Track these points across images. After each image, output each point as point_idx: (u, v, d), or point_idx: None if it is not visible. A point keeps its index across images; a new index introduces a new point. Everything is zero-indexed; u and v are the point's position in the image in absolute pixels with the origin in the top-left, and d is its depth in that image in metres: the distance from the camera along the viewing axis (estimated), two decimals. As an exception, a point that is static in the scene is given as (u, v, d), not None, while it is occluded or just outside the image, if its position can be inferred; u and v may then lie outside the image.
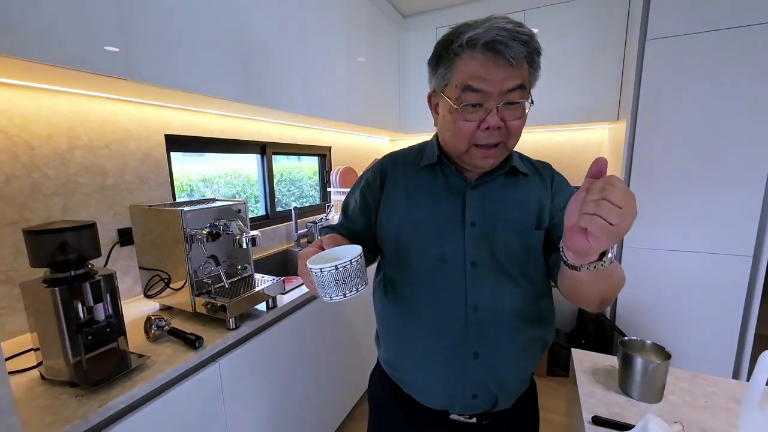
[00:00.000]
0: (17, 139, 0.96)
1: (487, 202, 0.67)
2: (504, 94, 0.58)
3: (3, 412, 0.52)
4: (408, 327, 0.71)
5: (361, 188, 0.79)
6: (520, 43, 0.56)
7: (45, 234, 0.74)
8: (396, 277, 0.73)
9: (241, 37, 1.24)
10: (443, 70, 0.62)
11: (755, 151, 1.58)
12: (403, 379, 0.75)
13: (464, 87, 0.58)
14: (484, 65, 0.57)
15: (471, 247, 0.66)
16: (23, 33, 0.73)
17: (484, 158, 0.63)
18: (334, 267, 0.49)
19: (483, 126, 0.59)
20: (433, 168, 0.72)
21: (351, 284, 0.51)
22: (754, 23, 1.52)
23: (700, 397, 0.71)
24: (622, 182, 0.42)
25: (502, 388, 0.67)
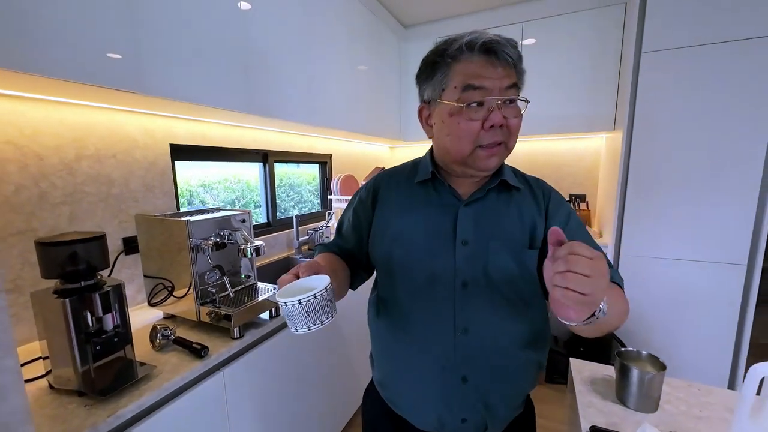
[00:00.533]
0: (26, 150, 0.98)
1: (480, 219, 0.67)
2: (503, 91, 0.59)
3: (20, 421, 0.53)
4: (398, 348, 0.71)
5: (355, 206, 0.80)
6: (511, 46, 0.59)
7: (56, 246, 0.76)
8: (387, 296, 0.73)
9: (245, 48, 1.27)
10: (440, 75, 0.62)
11: (748, 161, 1.62)
12: (394, 401, 0.75)
13: (465, 87, 0.59)
14: (482, 65, 0.59)
15: (462, 266, 0.65)
16: (33, 48, 0.75)
17: (489, 158, 0.62)
18: (298, 301, 0.50)
19: (487, 124, 0.59)
20: (426, 185, 0.72)
21: (315, 317, 0.51)
22: (745, 38, 1.56)
23: (695, 407, 0.73)
24: (584, 247, 0.42)
25: (491, 413, 0.67)
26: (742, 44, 1.57)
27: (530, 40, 2.27)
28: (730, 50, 1.59)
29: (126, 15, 0.91)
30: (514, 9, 2.28)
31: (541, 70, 2.26)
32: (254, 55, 1.31)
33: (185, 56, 1.06)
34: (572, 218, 0.69)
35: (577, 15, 2.15)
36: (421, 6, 2.33)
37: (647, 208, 1.83)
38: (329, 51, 1.77)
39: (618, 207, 1.91)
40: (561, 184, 2.59)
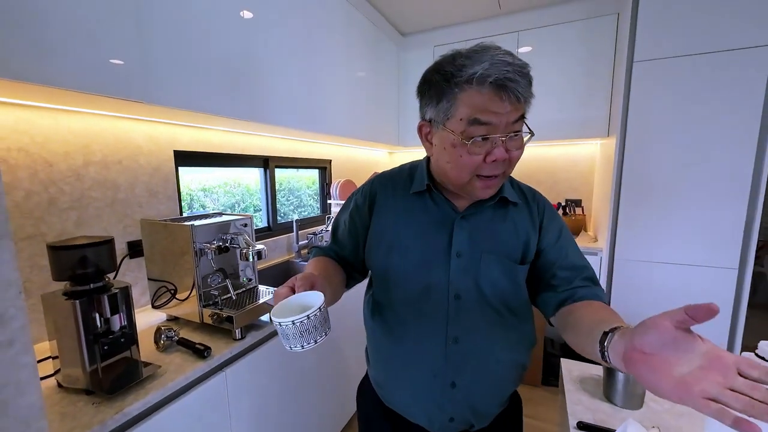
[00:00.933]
0: (36, 157, 1.02)
1: (475, 232, 0.68)
2: (509, 126, 0.58)
3: (34, 417, 0.56)
4: (392, 350, 0.74)
5: (351, 211, 0.81)
6: (523, 77, 0.56)
7: (67, 249, 0.79)
8: (383, 301, 0.75)
9: (247, 56, 1.31)
10: (445, 103, 0.59)
11: (738, 167, 1.66)
12: (387, 398, 0.78)
13: (471, 120, 0.57)
14: (491, 99, 0.56)
15: (456, 278, 0.67)
16: (44, 61, 0.78)
17: (485, 188, 0.63)
18: (291, 322, 0.51)
19: (489, 159, 0.59)
20: (423, 195, 0.72)
21: (309, 336, 0.52)
22: (733, 48, 1.61)
23: (679, 405, 0.76)
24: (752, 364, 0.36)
25: (476, 414, 0.71)
26: (730, 54, 1.62)
27: (526, 48, 2.33)
28: (719, 60, 1.64)
29: (132, 27, 0.95)
30: (511, 18, 2.34)
31: (536, 77, 2.22)
32: (256, 63, 1.35)
33: (189, 66, 1.10)
34: (563, 232, 0.72)
35: (572, 25, 2.20)
36: (419, 15, 2.38)
37: (641, 213, 1.87)
38: (329, 59, 1.81)
39: (612, 212, 1.95)
40: (557, 189, 2.63)
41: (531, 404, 1.92)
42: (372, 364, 0.82)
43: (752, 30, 1.58)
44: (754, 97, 1.61)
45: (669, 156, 1.78)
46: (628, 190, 1.89)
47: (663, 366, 0.39)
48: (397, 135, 2.75)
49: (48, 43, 0.78)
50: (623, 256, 1.93)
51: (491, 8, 2.27)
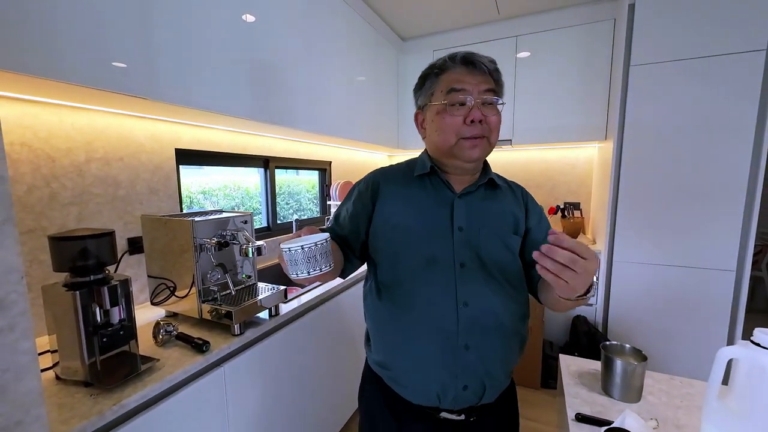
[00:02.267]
0: (39, 152, 1.03)
1: (471, 210, 0.77)
2: (481, 94, 0.71)
3: (33, 402, 0.56)
4: (402, 326, 0.76)
5: (353, 198, 0.86)
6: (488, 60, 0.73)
7: (68, 240, 0.79)
8: (390, 280, 0.79)
9: (249, 58, 1.33)
10: (429, 83, 0.76)
11: (734, 169, 1.68)
12: (396, 378, 0.78)
13: (449, 90, 0.72)
14: (463, 73, 0.72)
15: (459, 249, 0.74)
16: (51, 55, 0.80)
17: (472, 148, 0.73)
18: (300, 247, 0.57)
19: (468, 119, 0.71)
20: (423, 180, 0.81)
21: (315, 264, 0.59)
22: (728, 53, 1.64)
23: (677, 398, 0.76)
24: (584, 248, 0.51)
25: (490, 377, 0.73)
26: (725, 58, 1.65)
27: (524, 53, 2.36)
28: (714, 64, 1.67)
29: (138, 28, 0.97)
30: (509, 23, 2.37)
31: (534, 81, 2.34)
32: (258, 65, 1.37)
33: (193, 65, 1.12)
34: (542, 215, 0.84)
35: (569, 30, 2.24)
36: (419, 20, 2.42)
37: (638, 215, 1.88)
38: (330, 62, 1.83)
39: (610, 214, 1.96)
40: (555, 192, 2.65)
41: (530, 406, 1.91)
42: (377, 348, 0.83)
43: (746, 35, 1.61)
44: (748, 101, 1.63)
45: (666, 159, 1.80)
46: (626, 193, 1.90)
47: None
48: (397, 138, 2.77)
49: (55, 40, 0.79)
50: (621, 258, 1.94)
51: (490, 13, 2.31)
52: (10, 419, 0.54)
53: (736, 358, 0.53)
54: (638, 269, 1.90)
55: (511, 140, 2.44)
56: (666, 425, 0.67)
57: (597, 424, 0.68)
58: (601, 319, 2.05)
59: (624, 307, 1.95)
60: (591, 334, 2.02)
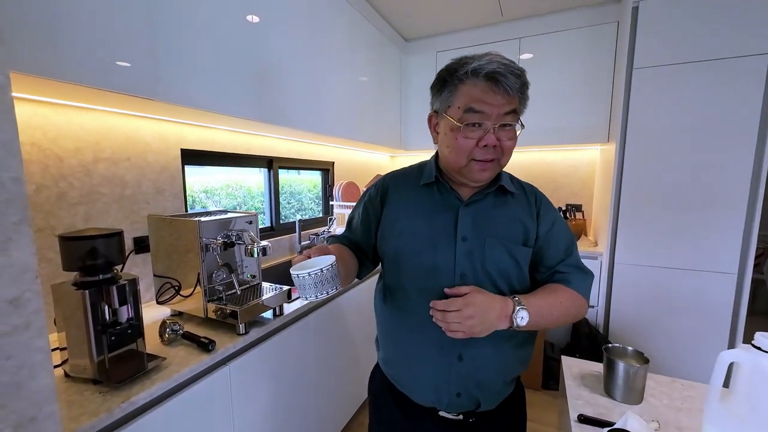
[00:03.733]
0: (48, 152, 1.04)
1: (478, 218, 0.74)
2: (500, 117, 0.67)
3: (46, 399, 0.57)
4: (402, 329, 0.78)
5: (364, 203, 0.88)
6: (515, 76, 0.66)
7: (78, 240, 0.81)
8: (393, 284, 0.80)
9: (254, 59, 1.34)
10: (447, 93, 0.71)
11: (736, 172, 1.68)
12: (397, 378, 0.81)
13: (467, 108, 0.67)
14: (485, 91, 0.66)
15: (461, 259, 0.72)
16: (61, 58, 0.81)
17: (481, 171, 0.70)
18: (308, 274, 0.61)
19: (481, 143, 0.67)
20: (431, 186, 0.80)
21: (322, 288, 0.62)
22: (731, 56, 1.64)
23: (678, 400, 0.77)
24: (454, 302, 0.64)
25: (482, 389, 0.74)
26: (728, 62, 1.65)
27: (527, 55, 2.36)
28: (717, 67, 1.67)
29: (144, 29, 0.97)
30: (512, 25, 2.38)
31: (537, 83, 2.31)
32: (262, 66, 1.38)
33: (198, 66, 1.13)
34: (556, 223, 0.78)
35: (573, 32, 2.24)
36: (422, 21, 2.42)
37: (640, 218, 1.89)
38: (334, 62, 1.84)
39: (612, 216, 1.96)
40: (558, 194, 2.65)
41: (531, 407, 1.90)
42: (382, 347, 0.86)
43: (749, 39, 1.61)
44: (751, 105, 1.63)
45: (668, 161, 1.80)
46: (628, 195, 1.91)
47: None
48: (399, 138, 2.78)
49: (65, 42, 0.81)
50: (623, 260, 1.95)
51: (493, 15, 2.32)
52: (24, 416, 0.55)
53: (737, 362, 0.54)
54: (640, 271, 1.91)
55: (513, 142, 2.45)
56: (667, 427, 0.68)
57: (599, 425, 0.69)
58: (602, 321, 2.06)
59: (625, 309, 1.96)
60: (592, 336, 2.03)
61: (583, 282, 0.74)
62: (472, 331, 0.62)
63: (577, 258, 0.77)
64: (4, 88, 0.52)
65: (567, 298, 0.72)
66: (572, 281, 0.74)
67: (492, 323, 0.64)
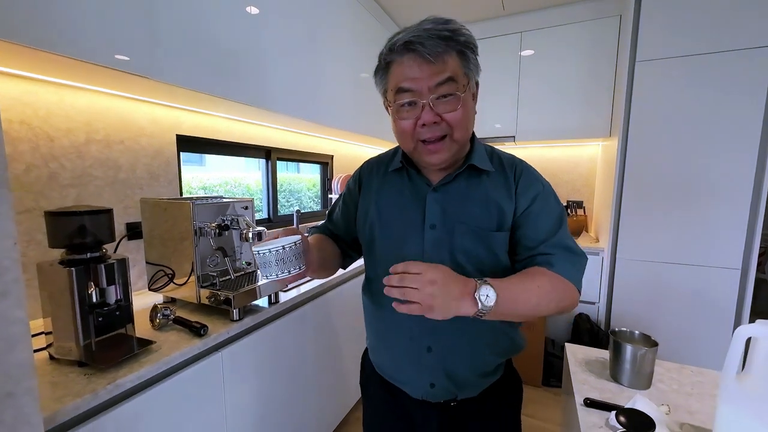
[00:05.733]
0: (38, 131, 1.01)
1: (448, 204, 0.68)
2: (433, 89, 0.59)
3: (24, 374, 0.54)
4: (379, 319, 0.78)
5: (344, 195, 0.87)
6: (439, 39, 0.58)
7: (65, 216, 0.78)
8: (371, 274, 0.80)
9: (254, 48, 1.31)
10: (380, 77, 0.66)
11: (740, 167, 1.66)
12: (380, 364, 0.81)
13: (397, 89, 0.62)
14: (408, 66, 0.59)
15: (429, 249, 0.67)
16: (53, 28, 0.78)
17: (431, 153, 0.64)
18: (268, 250, 0.58)
19: (419, 123, 0.61)
20: (401, 173, 0.75)
21: (284, 267, 0.59)
22: (735, 49, 1.62)
23: (687, 386, 0.74)
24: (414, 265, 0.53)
25: (453, 379, 0.70)
26: (731, 54, 1.63)
27: (528, 51, 2.34)
28: (720, 60, 1.65)
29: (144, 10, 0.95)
30: (513, 19, 2.36)
31: (539, 78, 2.32)
32: (263, 55, 1.35)
33: (196, 50, 1.10)
34: (539, 198, 0.68)
35: (574, 26, 2.23)
36: (423, 14, 2.39)
37: (642, 213, 1.86)
38: (334, 53, 1.82)
39: (614, 212, 1.94)
40: (559, 190, 2.63)
41: (531, 404, 1.88)
42: (367, 334, 0.86)
43: (753, 31, 1.59)
44: (755, 98, 1.61)
45: (670, 156, 1.78)
46: (630, 191, 1.88)
47: None
48: (400, 134, 2.76)
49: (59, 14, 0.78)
50: (625, 255, 1.92)
51: (495, 9, 2.30)
52: (1, 390, 0.52)
53: (755, 337, 0.51)
54: (641, 267, 1.88)
55: (514, 137, 2.43)
56: (678, 411, 0.65)
57: (606, 408, 0.66)
58: (603, 317, 2.03)
59: (627, 305, 1.93)
60: (593, 333, 2.00)
61: (569, 264, 0.64)
62: (430, 302, 0.51)
63: (564, 237, 0.66)
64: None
65: (547, 281, 0.61)
66: (555, 263, 0.63)
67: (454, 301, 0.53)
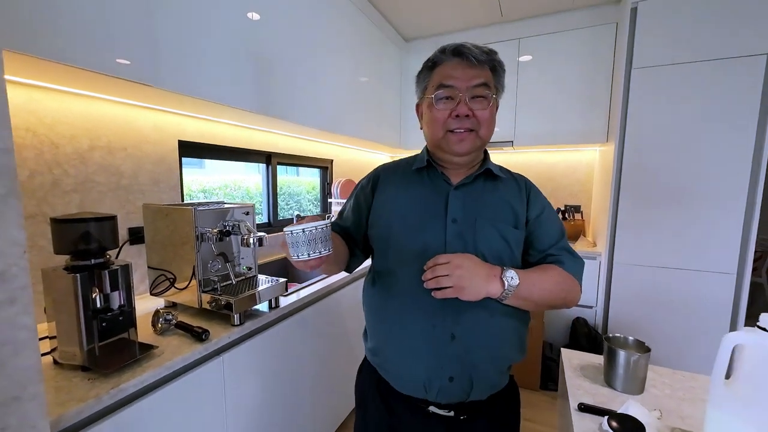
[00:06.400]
0: (43, 138, 1.03)
1: (468, 201, 0.76)
2: (470, 89, 0.70)
3: (31, 379, 0.56)
4: (391, 313, 0.78)
5: (356, 193, 0.90)
6: (480, 51, 0.71)
7: (70, 223, 0.79)
8: (384, 267, 0.81)
9: (255, 54, 1.33)
10: (423, 77, 0.78)
11: (735, 172, 1.68)
12: (385, 366, 0.79)
13: (438, 86, 0.72)
14: (453, 67, 0.72)
15: (452, 240, 0.73)
16: (58, 39, 0.80)
17: (459, 141, 0.73)
18: (302, 230, 0.61)
19: (453, 113, 0.71)
20: (422, 172, 0.82)
21: (315, 247, 0.62)
22: (729, 56, 1.65)
23: (680, 391, 0.76)
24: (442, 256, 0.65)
25: (476, 370, 0.72)
26: (725, 62, 1.66)
27: (527, 57, 2.37)
28: (715, 67, 1.68)
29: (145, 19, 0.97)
30: (511, 26, 2.39)
31: (537, 84, 2.35)
32: (264, 61, 1.38)
33: (198, 57, 1.12)
34: (546, 209, 0.80)
35: (572, 33, 2.25)
36: (422, 21, 2.44)
37: (639, 218, 1.88)
38: (334, 60, 1.84)
39: (611, 217, 1.96)
40: (557, 195, 2.65)
41: (529, 408, 1.89)
42: (370, 336, 0.85)
43: (746, 39, 1.62)
44: (748, 105, 1.64)
45: (666, 162, 1.80)
46: (627, 196, 1.91)
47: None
48: (399, 137, 2.78)
49: (64, 25, 0.80)
50: (622, 260, 1.94)
51: (493, 15, 2.33)
52: (7, 394, 0.53)
53: (741, 344, 0.52)
54: (639, 271, 1.90)
55: (512, 142, 2.45)
56: (670, 416, 0.67)
57: (599, 413, 0.67)
58: (601, 321, 2.04)
59: (624, 309, 1.95)
60: (591, 336, 2.01)
61: (575, 264, 0.76)
62: (461, 284, 0.62)
63: (567, 244, 0.79)
64: (-4, 57, 0.51)
65: (559, 274, 0.73)
66: (565, 262, 0.75)
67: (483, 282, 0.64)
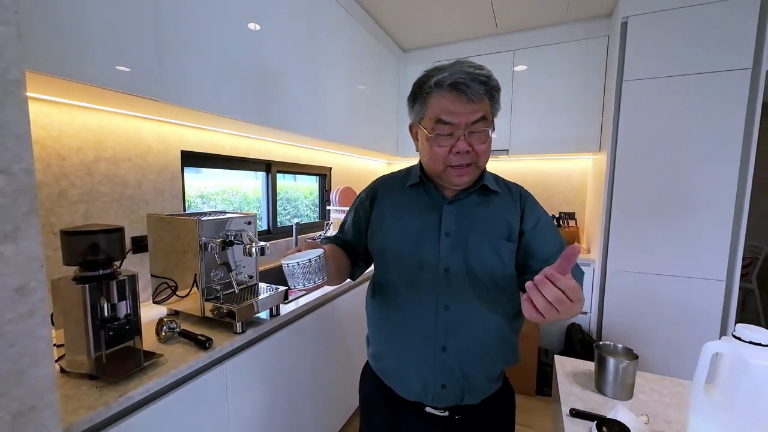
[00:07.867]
0: (51, 150, 1.05)
1: (462, 215, 0.78)
2: (469, 125, 0.70)
3: (47, 388, 0.58)
4: (390, 323, 0.82)
5: (356, 206, 0.93)
6: (478, 83, 0.68)
7: (79, 235, 0.82)
8: (382, 280, 0.84)
9: (255, 65, 1.36)
10: (418, 106, 0.75)
11: (723, 181, 1.74)
12: (385, 371, 0.84)
13: (436, 120, 0.71)
14: (451, 102, 0.69)
15: (445, 254, 0.76)
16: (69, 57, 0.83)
17: (459, 176, 0.74)
18: (297, 263, 0.65)
19: (454, 150, 0.71)
20: (417, 187, 0.84)
21: (310, 277, 0.66)
22: (715, 70, 1.71)
23: (667, 396, 0.79)
24: (564, 282, 0.50)
25: (467, 380, 0.76)
26: (712, 76, 1.72)
27: (521, 67, 2.43)
28: (702, 81, 1.74)
29: (150, 34, 1.00)
30: (507, 37, 2.45)
31: (531, 94, 2.40)
32: (263, 71, 1.41)
33: (200, 69, 1.15)
34: (542, 219, 0.80)
35: (565, 45, 2.31)
36: (420, 32, 2.49)
37: (631, 225, 1.93)
38: (333, 70, 1.88)
39: (604, 224, 2.00)
40: (551, 202, 2.70)
41: (524, 413, 1.92)
42: (372, 343, 0.89)
43: (731, 55, 1.68)
44: (735, 116, 1.70)
45: (657, 171, 1.86)
46: (619, 204, 1.95)
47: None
48: (396, 146, 2.82)
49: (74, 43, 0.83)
50: (615, 267, 1.98)
51: (489, 27, 2.39)
52: (25, 404, 0.56)
53: (720, 353, 0.56)
54: (632, 278, 1.94)
55: (507, 150, 2.50)
56: (656, 421, 0.70)
57: (590, 418, 0.70)
58: (595, 327, 2.08)
59: (618, 315, 1.99)
60: (585, 342, 2.05)
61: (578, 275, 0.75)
62: (552, 318, 0.53)
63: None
64: (20, 83, 0.54)
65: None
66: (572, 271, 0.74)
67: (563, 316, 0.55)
